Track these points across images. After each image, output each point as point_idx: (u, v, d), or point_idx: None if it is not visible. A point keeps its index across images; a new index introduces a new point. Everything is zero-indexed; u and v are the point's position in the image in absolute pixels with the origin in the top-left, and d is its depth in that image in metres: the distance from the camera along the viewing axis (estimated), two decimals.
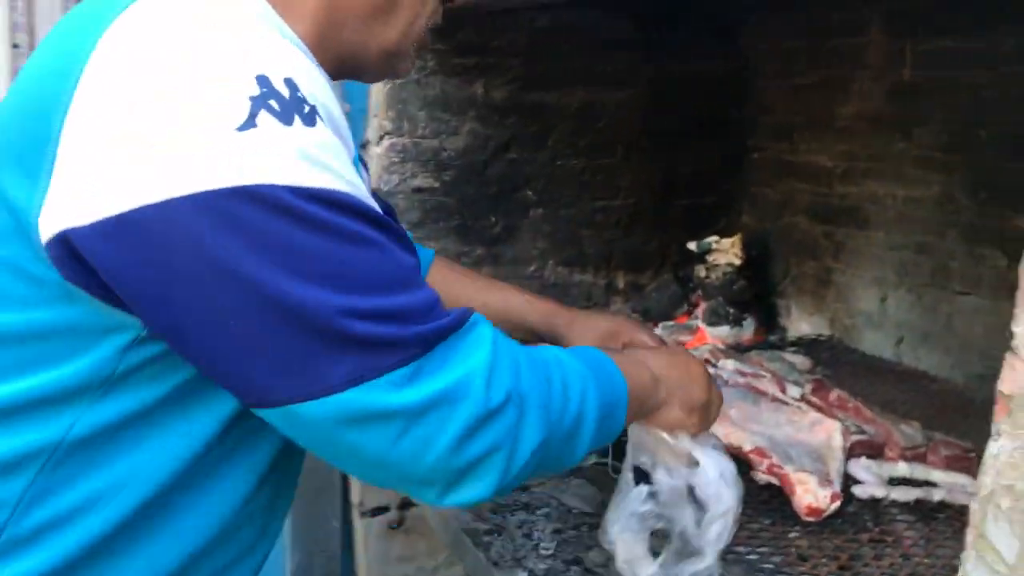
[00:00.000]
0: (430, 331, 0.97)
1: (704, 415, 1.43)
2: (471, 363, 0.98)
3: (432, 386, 0.95)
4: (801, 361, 3.09)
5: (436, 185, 3.48)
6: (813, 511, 1.94)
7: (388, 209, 1.79)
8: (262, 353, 0.92)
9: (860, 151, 3.42)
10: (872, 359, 3.30)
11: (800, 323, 3.74)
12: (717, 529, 1.42)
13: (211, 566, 1.15)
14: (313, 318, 0.90)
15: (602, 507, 2.49)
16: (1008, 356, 1.14)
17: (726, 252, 3.78)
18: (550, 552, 2.36)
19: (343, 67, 1.22)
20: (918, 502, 2.05)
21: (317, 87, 0.97)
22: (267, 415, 0.97)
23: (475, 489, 1.02)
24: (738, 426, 2.30)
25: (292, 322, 0.90)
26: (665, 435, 1.47)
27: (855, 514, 2.01)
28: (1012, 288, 2.97)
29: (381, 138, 3.42)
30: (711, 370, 2.75)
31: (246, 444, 1.12)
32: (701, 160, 3.93)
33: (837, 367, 3.19)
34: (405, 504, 3.56)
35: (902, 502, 2.05)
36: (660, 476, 1.43)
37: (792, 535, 1.95)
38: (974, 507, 1.17)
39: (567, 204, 3.71)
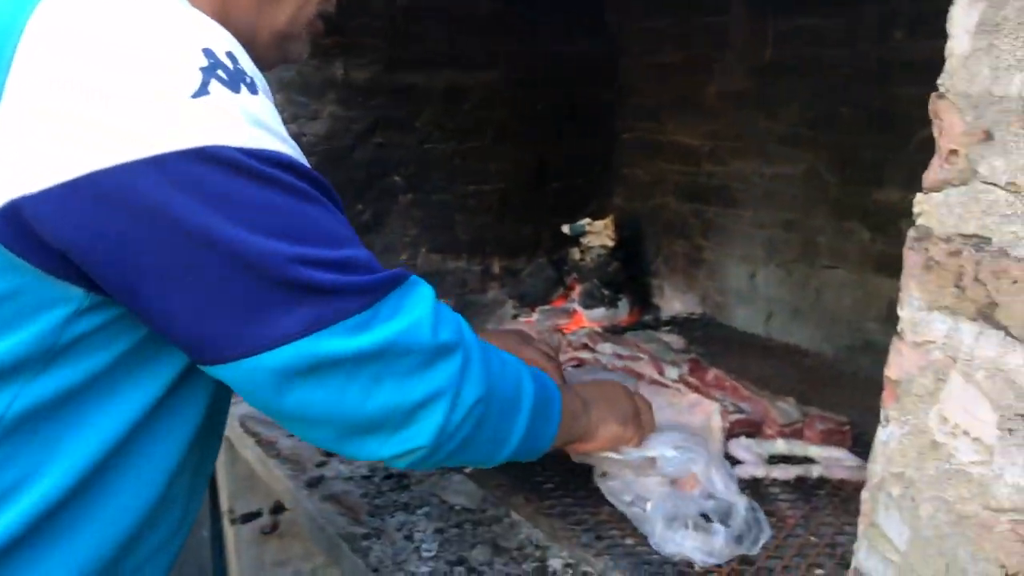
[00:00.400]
0: (378, 280, 1.04)
1: (638, 423, 1.61)
2: (418, 311, 1.06)
3: (384, 332, 1.01)
4: (676, 340, 3.08)
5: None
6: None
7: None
8: (222, 306, 0.95)
9: (726, 130, 3.45)
10: (744, 335, 3.34)
11: (673, 302, 3.76)
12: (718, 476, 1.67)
13: (145, 548, 1.16)
14: (270, 268, 0.94)
15: (484, 503, 2.41)
16: (894, 341, 1.11)
17: (599, 234, 3.76)
18: (432, 554, 2.27)
19: None
20: (798, 479, 2.05)
21: (249, 61, 1.02)
22: (222, 372, 0.99)
23: (419, 435, 1.06)
24: None
25: (251, 273, 0.94)
26: (611, 454, 1.58)
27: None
28: (876, 260, 3.04)
29: None
30: (588, 355, 2.72)
31: (177, 413, 1.14)
32: (571, 143, 3.89)
33: (710, 344, 3.20)
34: (278, 508, 3.39)
35: (782, 480, 2.04)
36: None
37: None
38: (865, 495, 1.14)
39: (438, 189, 3.61)
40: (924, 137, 1.08)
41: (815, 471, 2.07)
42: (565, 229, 3.79)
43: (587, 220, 3.77)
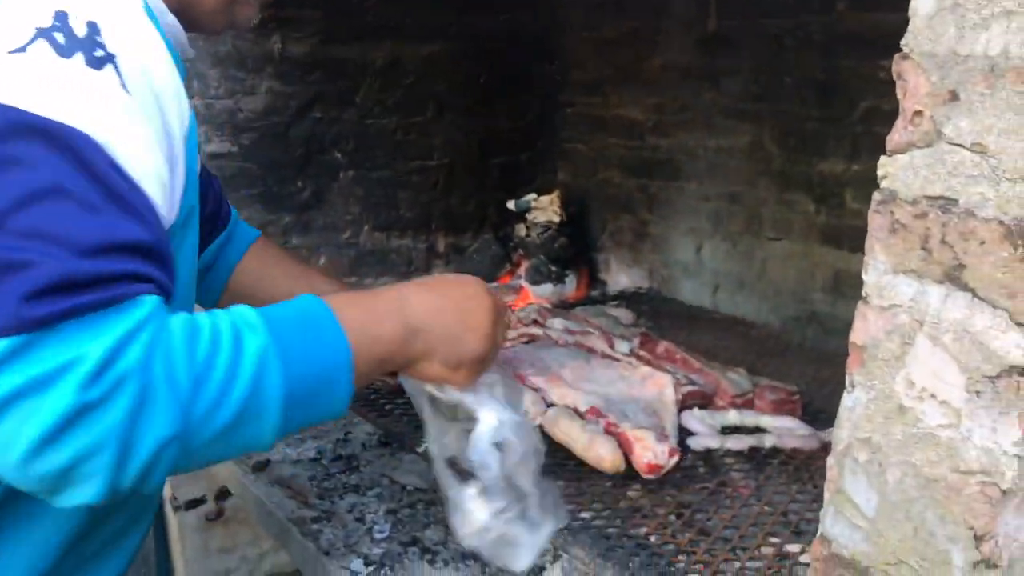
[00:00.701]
0: (36, 314, 0.82)
1: (475, 369, 1.21)
2: (77, 350, 0.83)
3: (14, 378, 0.81)
4: (624, 314, 3.08)
5: (234, 150, 3.21)
6: (653, 468, 1.90)
7: (207, 184, 1.64)
8: None
9: (670, 103, 3.44)
10: (691, 308, 3.35)
11: (620, 276, 3.76)
12: (484, 497, 1.26)
13: (100, 537, 1.14)
14: None
15: (435, 482, 2.38)
16: (859, 306, 1.10)
17: (545, 210, 3.73)
18: (385, 535, 2.23)
19: (185, 15, 1.17)
20: (751, 450, 2.06)
21: (135, 44, 0.95)
22: None
23: (81, 494, 0.86)
24: (572, 387, 2.24)
25: None
26: (431, 388, 1.26)
27: (692, 467, 1.99)
28: (821, 231, 3.05)
29: None
30: (538, 330, 2.69)
31: None
32: (515, 117, 3.85)
33: (659, 318, 3.21)
34: (222, 494, 3.32)
35: (736, 451, 2.05)
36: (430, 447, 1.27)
37: (632, 494, 1.91)
38: (831, 462, 1.13)
39: (380, 166, 3.54)
40: (867, 108, 1.07)
41: (767, 441, 2.08)
42: (511, 205, 3.75)
43: (532, 196, 3.74)
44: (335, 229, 3.47)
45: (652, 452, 1.90)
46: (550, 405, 2.17)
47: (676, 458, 1.92)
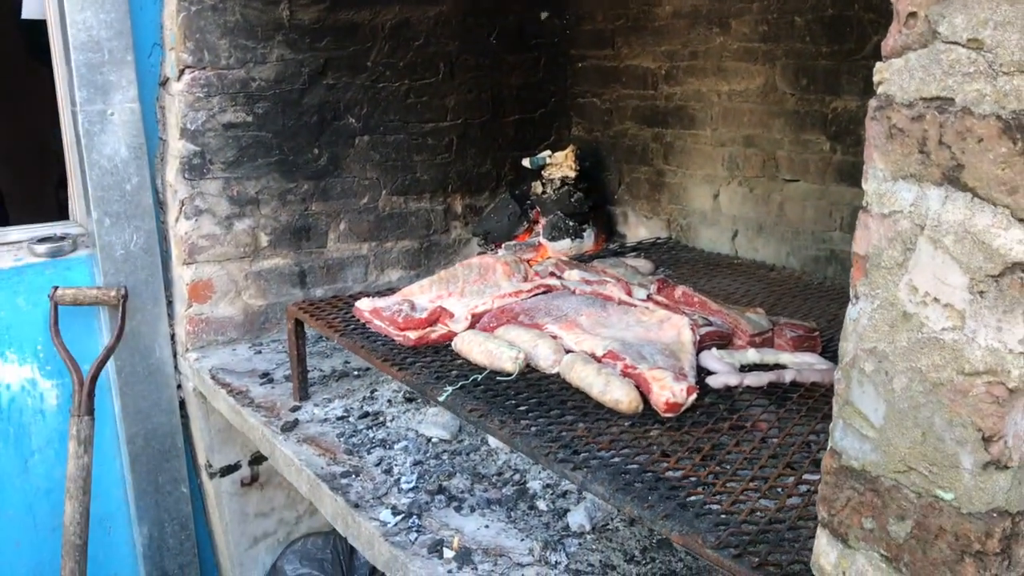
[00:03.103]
0: None
1: None
2: None
3: None
4: (643, 264, 3.08)
5: (249, 119, 3.23)
6: (672, 407, 1.90)
7: None
8: None
9: (681, 50, 3.41)
10: (710, 255, 3.34)
11: (638, 228, 3.75)
12: None
13: None
14: None
15: (461, 433, 2.40)
16: (860, 215, 1.10)
17: (560, 166, 3.72)
18: (412, 485, 2.26)
19: None
20: (771, 385, 2.05)
21: None
22: None
23: None
24: (588, 332, 2.25)
25: None
26: None
27: (712, 405, 1.99)
28: (837, 170, 3.03)
29: (181, 72, 3.13)
30: (555, 281, 2.69)
31: None
32: (526, 74, 3.83)
33: (678, 267, 3.20)
34: (257, 459, 3.38)
35: (755, 387, 2.05)
36: None
37: (653, 433, 1.91)
38: (837, 375, 1.13)
39: (394, 129, 3.54)
40: (879, 42, 1.06)
41: (787, 376, 2.08)
42: (526, 163, 3.75)
43: (547, 152, 3.73)
44: (354, 195, 3.49)
45: (670, 391, 1.91)
46: (568, 351, 2.18)
47: (694, 395, 1.92)
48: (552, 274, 2.81)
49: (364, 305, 2.54)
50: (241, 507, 3.45)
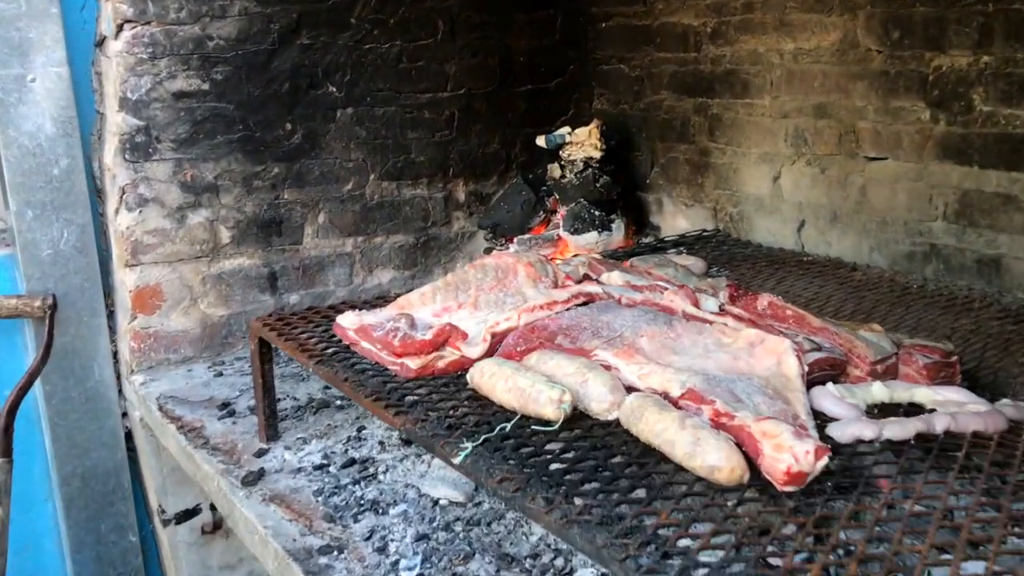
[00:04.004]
0: None
1: None
2: None
3: None
4: (695, 263, 2.50)
5: (205, 87, 2.63)
6: (794, 478, 1.32)
7: None
8: None
9: (731, 1, 2.82)
10: (771, 251, 2.78)
11: (676, 218, 3.17)
12: None
13: None
14: None
15: (478, 494, 1.81)
16: None
17: (582, 144, 3.14)
18: (416, 571, 1.67)
19: None
20: (920, 438, 1.47)
21: None
22: None
23: None
24: (654, 361, 1.66)
25: None
26: None
27: (838, 469, 1.40)
28: (940, 144, 2.44)
29: (120, 28, 2.52)
30: (595, 288, 2.10)
31: None
32: (540, 34, 3.24)
33: (734, 266, 2.65)
34: None
35: (899, 441, 1.46)
36: None
37: (746, 507, 1.33)
38: None
39: (383, 101, 2.94)
40: None
41: (938, 423, 1.50)
42: (540, 142, 3.18)
43: (566, 129, 3.17)
44: (335, 180, 2.89)
45: (791, 455, 1.33)
46: (629, 389, 1.59)
47: (825, 461, 1.34)
48: (587, 277, 2.22)
49: (348, 322, 1.94)
50: (202, 559, 2.86)
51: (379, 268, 3.01)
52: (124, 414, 2.79)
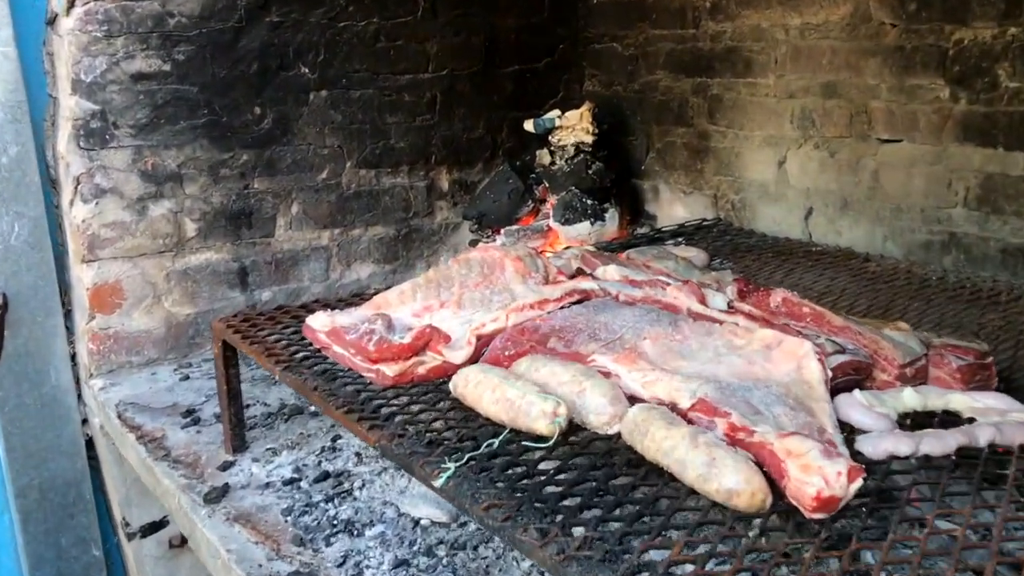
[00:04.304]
0: None
1: None
2: None
3: None
4: (697, 255, 2.33)
5: (166, 68, 2.44)
6: (825, 503, 1.15)
7: None
8: None
9: None
10: (776, 241, 2.60)
11: (673, 207, 2.99)
12: None
13: None
14: None
15: (464, 514, 1.62)
16: None
17: (573, 129, 2.96)
18: None
19: None
20: (961, 452, 1.29)
21: None
22: None
23: None
24: (659, 367, 1.48)
25: None
26: None
27: (872, 491, 1.22)
28: (961, 124, 2.28)
29: (72, 4, 2.32)
30: (590, 284, 1.92)
31: None
32: (527, 11, 3.06)
33: (738, 258, 2.47)
34: None
35: (940, 456, 1.29)
36: None
37: (760, 529, 1.16)
38: None
39: (360, 82, 2.75)
40: None
41: (982, 435, 1.32)
42: (529, 126, 3.00)
43: (556, 113, 3.00)
44: (309, 168, 2.70)
45: (821, 477, 1.15)
46: (631, 400, 1.41)
47: (859, 483, 1.16)
48: (580, 272, 2.03)
49: (319, 323, 1.75)
50: (170, 573, 2.67)
51: (357, 262, 2.82)
52: (85, 420, 2.60)
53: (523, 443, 1.39)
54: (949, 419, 1.44)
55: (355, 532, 1.70)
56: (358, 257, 2.82)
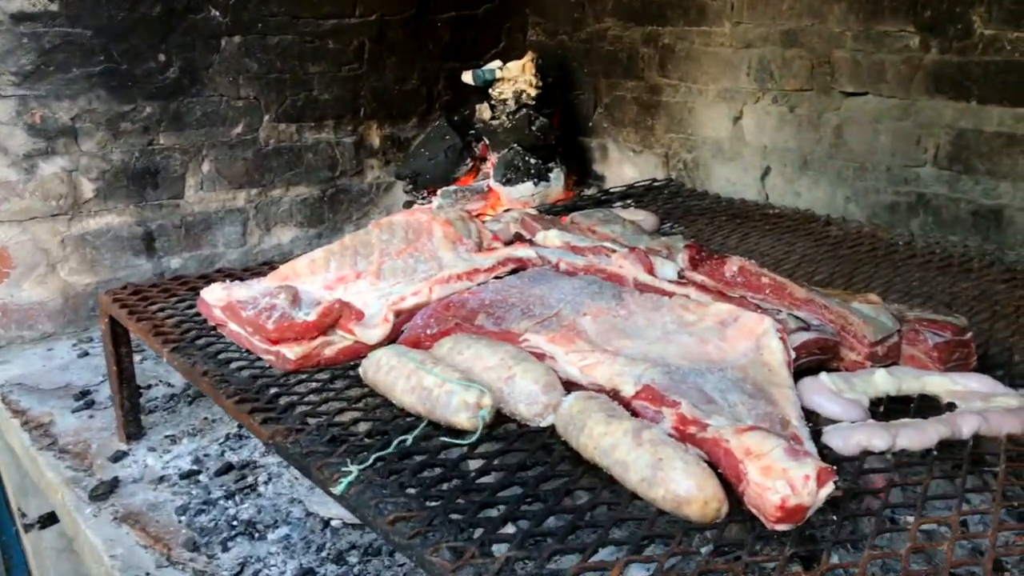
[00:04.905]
0: None
1: None
2: None
3: None
4: (646, 218, 2.14)
5: (53, 7, 2.18)
6: (791, 513, 0.97)
7: None
8: None
9: None
10: (731, 203, 2.43)
11: (623, 167, 2.80)
12: None
13: None
14: None
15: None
16: None
17: (515, 81, 2.74)
18: None
19: None
20: (942, 445, 1.12)
21: None
22: None
23: None
24: (601, 348, 1.29)
25: None
26: None
27: (843, 493, 1.05)
28: (932, 75, 2.09)
29: None
30: (527, 251, 1.72)
31: None
32: None
33: (690, 221, 2.30)
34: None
35: (917, 451, 1.12)
36: None
37: (714, 532, 0.98)
38: None
39: (278, 27, 2.51)
40: None
41: (965, 425, 1.15)
42: (467, 78, 2.78)
43: (497, 63, 2.79)
44: (221, 121, 2.47)
45: (786, 482, 0.97)
46: (568, 386, 1.22)
47: (831, 488, 0.98)
48: (519, 237, 1.83)
49: (214, 297, 1.53)
50: (74, 567, 2.44)
51: (278, 226, 2.59)
52: None
53: (441, 439, 1.19)
54: (925, 403, 1.27)
55: (256, 535, 1.49)
56: (279, 220, 2.59)
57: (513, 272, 1.62)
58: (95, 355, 2.25)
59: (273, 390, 1.34)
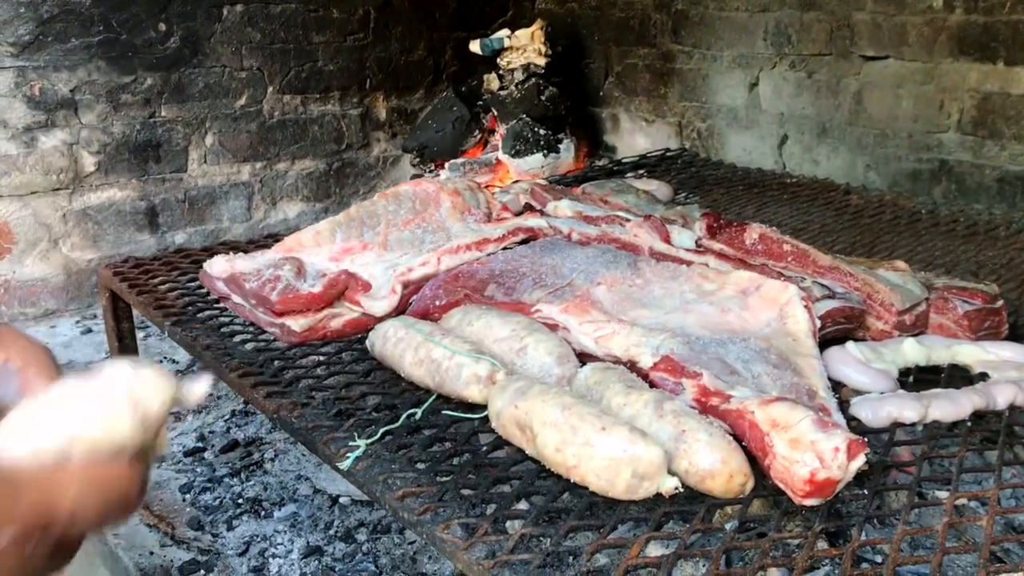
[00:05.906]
0: None
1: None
2: None
3: None
4: (660, 187, 2.08)
5: None
6: (820, 487, 0.93)
7: None
8: None
9: None
10: (747, 173, 2.37)
11: (635, 137, 2.75)
12: None
13: None
14: None
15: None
16: None
17: (524, 50, 2.69)
18: None
19: None
20: (976, 417, 1.07)
21: None
22: None
23: None
24: (616, 317, 1.24)
25: None
26: None
27: (873, 466, 1.00)
28: (956, 37, 2.02)
29: None
30: (538, 221, 1.67)
31: None
32: None
33: (705, 191, 2.24)
34: None
35: (951, 422, 1.07)
36: None
37: (736, 508, 0.94)
38: None
39: None
40: None
41: (1000, 395, 1.10)
42: (475, 47, 2.74)
43: (505, 32, 2.73)
44: (224, 93, 2.42)
45: (815, 455, 0.92)
46: (582, 358, 1.17)
47: (861, 460, 0.93)
48: (529, 208, 1.78)
49: (217, 269, 1.48)
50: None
51: (284, 200, 2.55)
52: None
53: (451, 413, 1.15)
54: (956, 373, 1.22)
55: (262, 513, 1.46)
56: (284, 194, 2.54)
57: (523, 243, 1.57)
58: (98, 332, 2.21)
59: (278, 363, 1.29)
